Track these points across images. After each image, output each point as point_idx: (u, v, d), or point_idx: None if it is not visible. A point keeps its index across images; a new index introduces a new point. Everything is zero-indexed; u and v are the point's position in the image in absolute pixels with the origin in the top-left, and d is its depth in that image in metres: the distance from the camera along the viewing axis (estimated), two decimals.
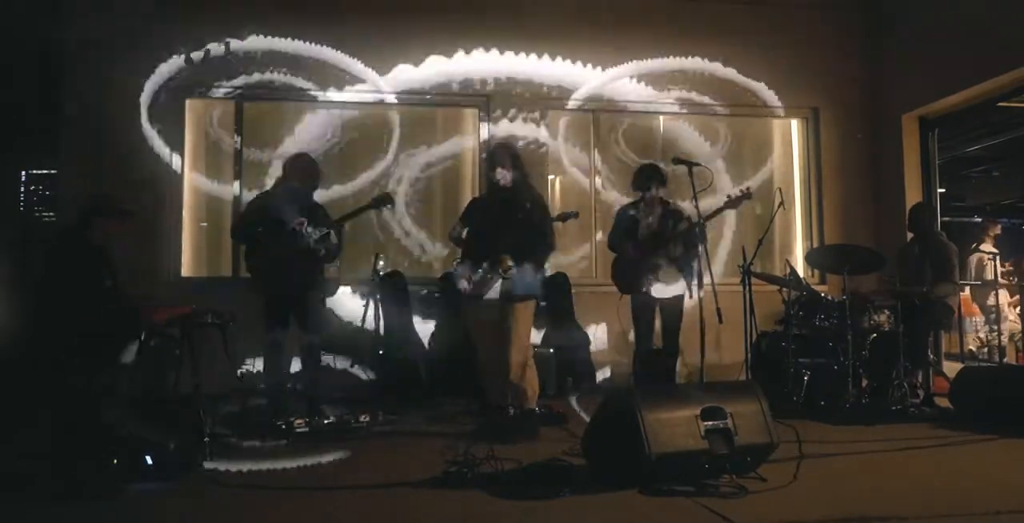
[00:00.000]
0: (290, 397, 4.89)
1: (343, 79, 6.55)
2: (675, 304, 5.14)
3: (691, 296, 4.98)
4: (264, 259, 4.73)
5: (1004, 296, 7.80)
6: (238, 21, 6.35)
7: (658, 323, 5.27)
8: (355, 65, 6.56)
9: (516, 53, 6.79)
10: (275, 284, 4.75)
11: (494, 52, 6.77)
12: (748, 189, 5.31)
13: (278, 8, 6.46)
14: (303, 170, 4.92)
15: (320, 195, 5.40)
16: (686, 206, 5.18)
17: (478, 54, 6.75)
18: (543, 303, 6.39)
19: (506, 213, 4.55)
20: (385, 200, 5.16)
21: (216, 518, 3.18)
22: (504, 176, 4.60)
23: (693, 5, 6.99)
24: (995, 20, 5.88)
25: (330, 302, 5.76)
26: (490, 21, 6.75)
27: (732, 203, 5.16)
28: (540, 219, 4.60)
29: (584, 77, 6.90)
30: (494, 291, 4.53)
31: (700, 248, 4.92)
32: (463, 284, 4.62)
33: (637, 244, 5.22)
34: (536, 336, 6.40)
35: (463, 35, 6.72)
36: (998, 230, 8.01)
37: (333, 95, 6.57)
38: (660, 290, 5.14)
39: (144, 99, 6.23)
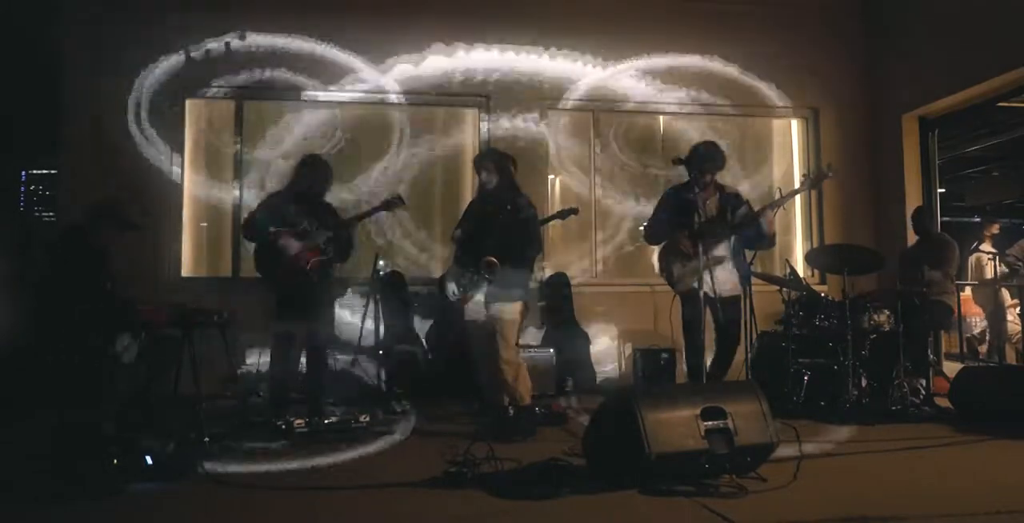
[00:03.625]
0: (293, 391, 4.88)
1: (343, 78, 6.55)
2: (734, 303, 4.68)
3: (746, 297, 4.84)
4: (275, 258, 4.73)
5: (1005, 295, 7.79)
6: (238, 19, 6.35)
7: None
8: (355, 63, 6.56)
9: (517, 52, 6.80)
10: (285, 283, 4.75)
11: (494, 51, 6.78)
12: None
13: (277, 6, 6.46)
14: (315, 171, 4.91)
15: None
16: None
17: (478, 53, 6.76)
18: (541, 303, 6.44)
19: (490, 216, 4.55)
20: (396, 202, 5.16)
21: (216, 518, 3.18)
22: (488, 180, 4.61)
23: (693, 4, 6.99)
24: (994, 20, 5.88)
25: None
26: (490, 20, 6.75)
27: (813, 182, 4.89)
28: (525, 221, 4.57)
29: (584, 76, 6.90)
30: (482, 293, 4.54)
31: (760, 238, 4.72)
32: (451, 292, 4.64)
33: (692, 233, 4.69)
34: (536, 336, 6.41)
35: (464, 35, 6.73)
36: (995, 229, 8.01)
37: (333, 94, 6.57)
38: (718, 287, 4.55)
39: (143, 98, 6.24)
